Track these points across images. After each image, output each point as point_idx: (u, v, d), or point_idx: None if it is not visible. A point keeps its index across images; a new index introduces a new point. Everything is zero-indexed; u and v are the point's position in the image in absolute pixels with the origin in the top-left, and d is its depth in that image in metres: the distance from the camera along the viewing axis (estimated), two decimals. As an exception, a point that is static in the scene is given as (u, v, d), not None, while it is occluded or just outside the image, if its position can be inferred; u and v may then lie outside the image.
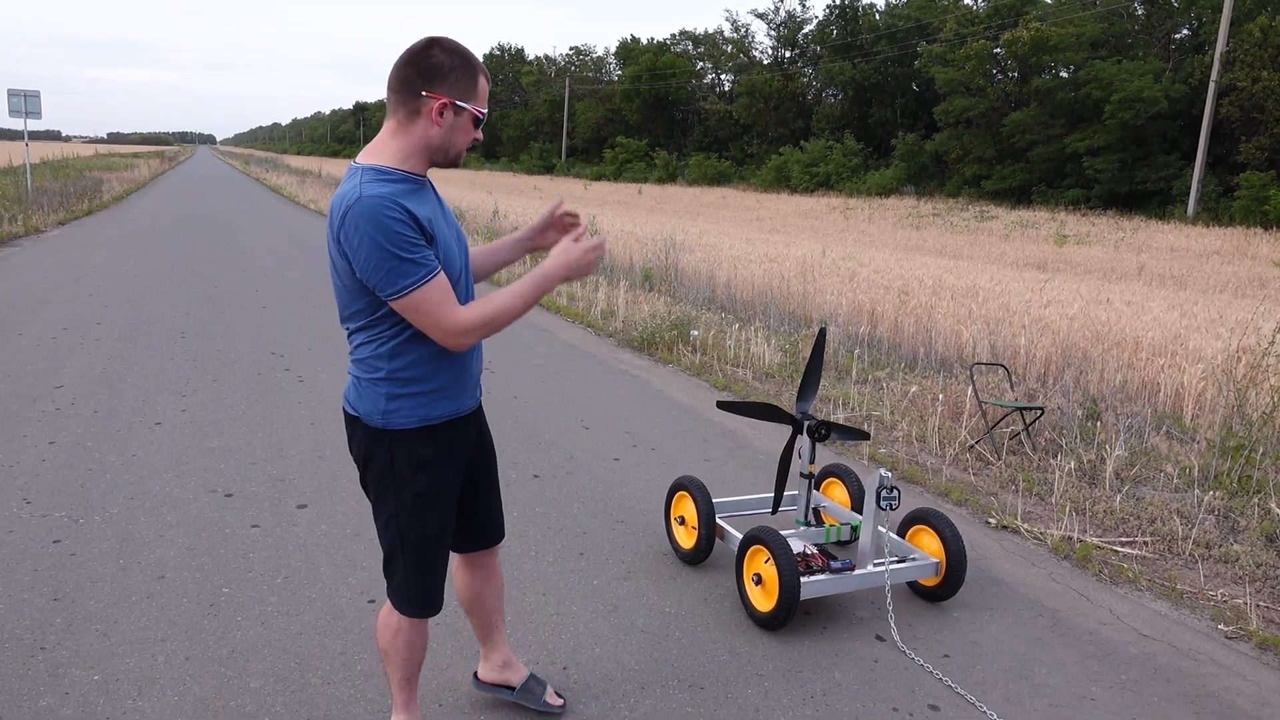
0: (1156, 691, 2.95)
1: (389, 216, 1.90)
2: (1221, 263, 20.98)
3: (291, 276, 11.63)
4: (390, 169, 2.00)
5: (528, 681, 2.69)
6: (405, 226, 1.92)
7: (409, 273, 1.93)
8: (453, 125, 2.03)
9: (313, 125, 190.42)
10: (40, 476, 4.33)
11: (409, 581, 2.23)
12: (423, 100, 1.99)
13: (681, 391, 6.67)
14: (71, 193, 22.71)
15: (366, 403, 2.10)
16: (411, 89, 1.99)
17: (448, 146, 2.05)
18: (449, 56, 1.99)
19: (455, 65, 2.00)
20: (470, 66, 2.02)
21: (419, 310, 1.96)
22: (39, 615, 3.07)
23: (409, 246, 1.92)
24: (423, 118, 2.01)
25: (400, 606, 2.26)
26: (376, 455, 2.13)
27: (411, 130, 2.02)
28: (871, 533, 3.39)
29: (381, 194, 1.92)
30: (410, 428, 2.11)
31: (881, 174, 44.68)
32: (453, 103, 2.00)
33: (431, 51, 1.99)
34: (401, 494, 2.15)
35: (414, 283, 1.94)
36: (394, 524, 2.18)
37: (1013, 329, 8.15)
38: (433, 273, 1.96)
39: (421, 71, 1.98)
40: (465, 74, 2.01)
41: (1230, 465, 4.85)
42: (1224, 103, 31.06)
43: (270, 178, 42.56)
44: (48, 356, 6.73)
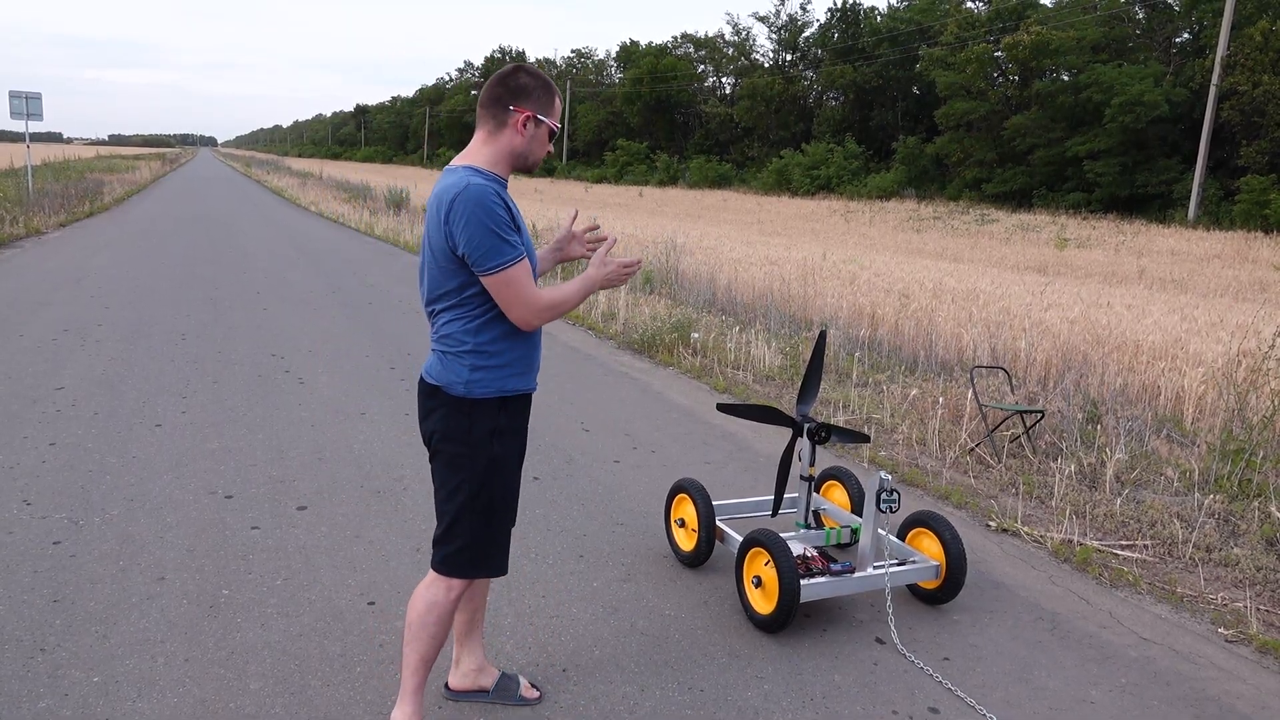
0: (1156, 695, 2.95)
1: (493, 201, 2.21)
2: (1222, 266, 20.98)
3: (292, 279, 11.64)
4: (484, 170, 2.30)
5: (501, 680, 2.74)
6: (505, 212, 2.23)
7: (505, 251, 2.21)
8: (533, 136, 2.35)
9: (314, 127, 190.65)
10: (41, 478, 4.33)
11: (473, 542, 2.39)
12: (510, 114, 2.31)
13: (682, 394, 6.67)
14: (73, 194, 22.73)
15: (450, 373, 2.33)
16: (501, 104, 2.32)
17: (528, 154, 2.37)
18: (532, 79, 2.34)
19: (537, 86, 2.34)
20: (549, 88, 2.36)
21: (509, 285, 2.23)
22: (39, 617, 3.07)
23: (507, 229, 2.22)
24: (508, 129, 2.32)
25: (457, 570, 2.40)
26: (456, 422, 2.34)
27: (499, 139, 2.33)
28: (871, 535, 3.39)
29: (486, 183, 2.23)
30: (490, 397, 2.34)
31: (882, 177, 44.69)
32: (534, 116, 2.33)
33: (519, 74, 2.34)
34: (476, 458, 2.36)
35: (508, 260, 2.22)
36: (465, 487, 2.36)
37: (1013, 332, 8.15)
38: (521, 256, 2.25)
39: (510, 90, 2.31)
40: (545, 93, 2.35)
41: (1231, 469, 4.84)
42: (1225, 107, 31.07)
43: (271, 180, 42.60)
44: (48, 358, 6.74)
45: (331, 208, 25.08)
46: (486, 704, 2.70)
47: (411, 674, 2.44)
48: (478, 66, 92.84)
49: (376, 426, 5.41)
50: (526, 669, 2.90)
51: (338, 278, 11.97)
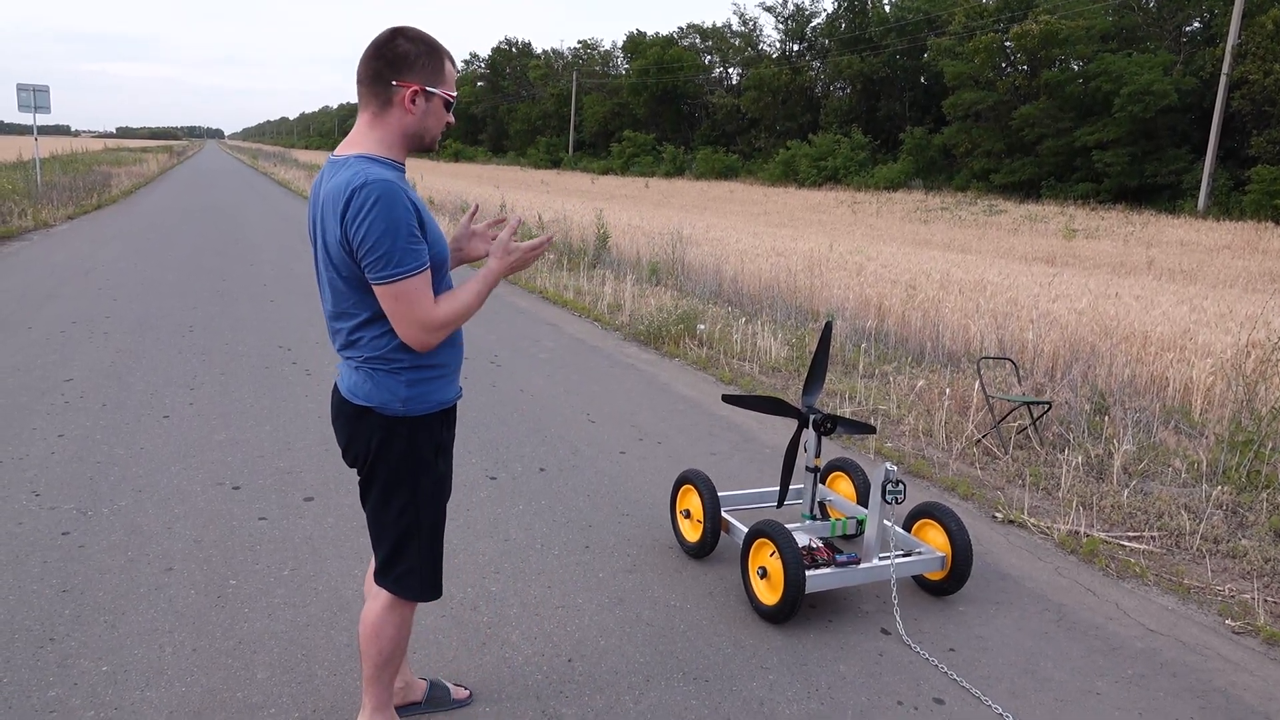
0: (1163, 686, 2.95)
1: (400, 202, 1.95)
2: (1232, 257, 20.86)
3: (299, 270, 11.65)
4: (379, 157, 2.04)
5: (430, 691, 2.64)
6: (411, 215, 1.97)
7: (406, 261, 1.96)
8: (425, 111, 2.07)
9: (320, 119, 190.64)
10: (49, 469, 4.36)
11: (423, 565, 2.25)
12: (394, 90, 2.03)
13: (688, 385, 6.67)
14: (80, 187, 22.78)
15: (385, 392, 2.10)
16: (383, 80, 2.03)
17: (422, 132, 2.09)
18: (414, 45, 2.03)
19: (421, 52, 2.04)
20: (436, 52, 2.06)
21: (402, 299, 1.98)
22: (48, 606, 3.09)
23: (410, 235, 1.96)
24: (396, 107, 2.05)
25: (410, 593, 2.26)
26: (394, 444, 2.14)
27: (387, 120, 2.06)
28: (877, 527, 3.39)
29: (390, 178, 1.96)
30: (431, 413, 2.16)
31: (889, 168, 44.52)
32: (423, 89, 2.05)
33: (397, 41, 2.03)
34: (421, 479, 2.18)
35: (408, 271, 1.97)
36: (410, 510, 2.19)
37: (1020, 323, 8.13)
38: (424, 266, 2.00)
39: (390, 62, 2.03)
40: (431, 58, 2.05)
41: (1239, 460, 4.82)
42: (1235, 96, 30.85)
43: (278, 172, 42.64)
44: (57, 350, 6.77)
45: (338, 200, 25.08)
46: (423, 714, 2.60)
47: (375, 686, 2.33)
48: (483, 59, 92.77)
49: (383, 418, 5.42)
50: (533, 659, 2.91)
51: (344, 270, 11.97)
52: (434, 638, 3.01)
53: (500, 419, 5.53)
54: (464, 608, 3.21)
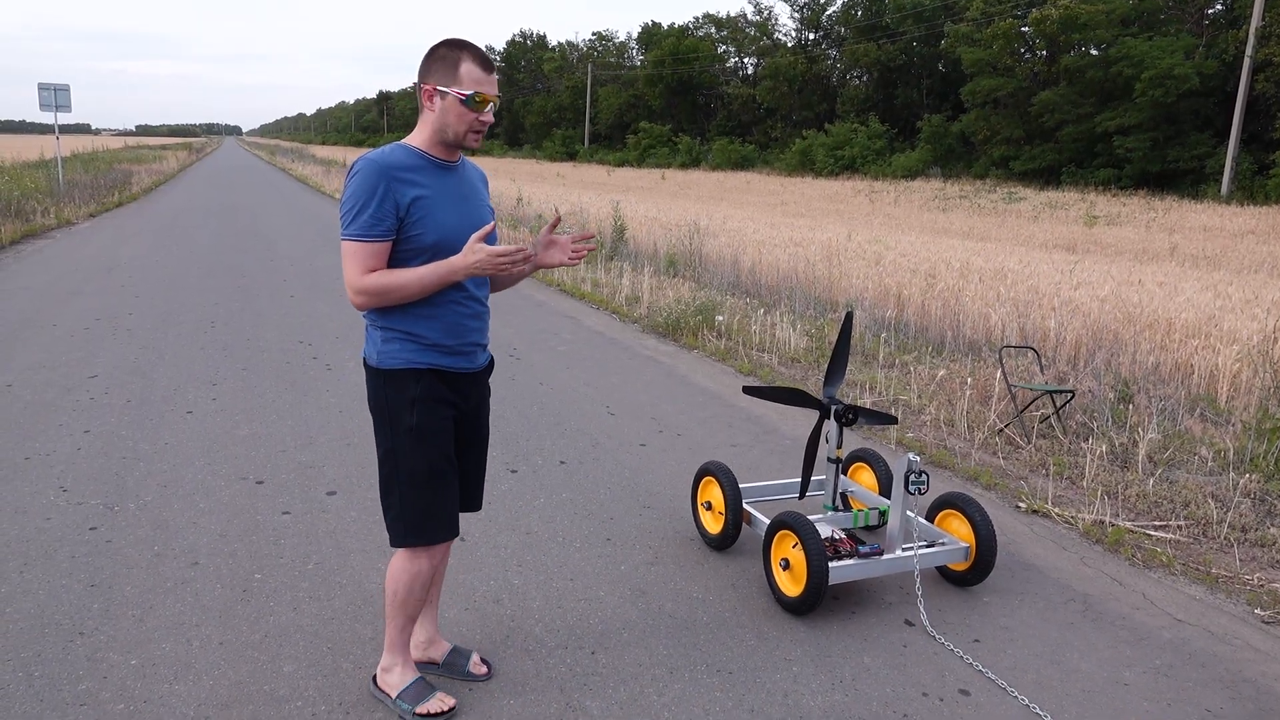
0: (1191, 677, 2.92)
1: (372, 178, 2.25)
2: (1257, 242, 20.57)
3: (318, 266, 11.72)
4: (409, 145, 2.35)
5: (450, 655, 2.78)
6: (373, 191, 2.23)
7: (353, 225, 2.26)
8: (444, 109, 2.31)
9: (337, 115, 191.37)
10: (76, 465, 4.40)
11: (405, 511, 2.43)
12: (421, 91, 2.34)
13: (707, 377, 6.65)
14: (102, 185, 23.00)
15: (370, 344, 2.44)
16: (417, 86, 2.35)
17: (444, 128, 2.33)
18: (440, 49, 2.31)
19: (439, 57, 2.30)
20: (454, 54, 2.29)
21: (344, 255, 2.30)
22: (77, 601, 3.13)
23: (367, 207, 2.24)
24: (433, 105, 2.32)
25: (398, 539, 2.46)
26: (376, 392, 2.42)
27: (425, 118, 2.35)
28: (900, 517, 3.37)
29: (380, 158, 2.27)
30: (399, 369, 2.38)
31: (907, 156, 44.20)
32: (436, 89, 2.30)
33: (432, 50, 2.33)
34: (396, 426, 2.40)
35: (351, 235, 2.26)
36: (391, 456, 2.42)
37: (1042, 311, 8.05)
38: (367, 238, 2.26)
39: (421, 69, 2.33)
40: (446, 63, 2.29)
41: (1267, 447, 4.76)
42: (1259, 79, 30.39)
43: (296, 168, 42.87)
44: (81, 347, 6.84)
45: (355, 195, 25.18)
46: (438, 675, 2.73)
47: (400, 632, 2.57)
48: (499, 51, 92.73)
49: (403, 412, 5.44)
50: (555, 651, 2.92)
51: (363, 264, 12.03)
52: (457, 630, 3.02)
53: (520, 412, 5.54)
54: (486, 600, 3.22)
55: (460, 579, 3.38)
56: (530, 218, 17.58)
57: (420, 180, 2.30)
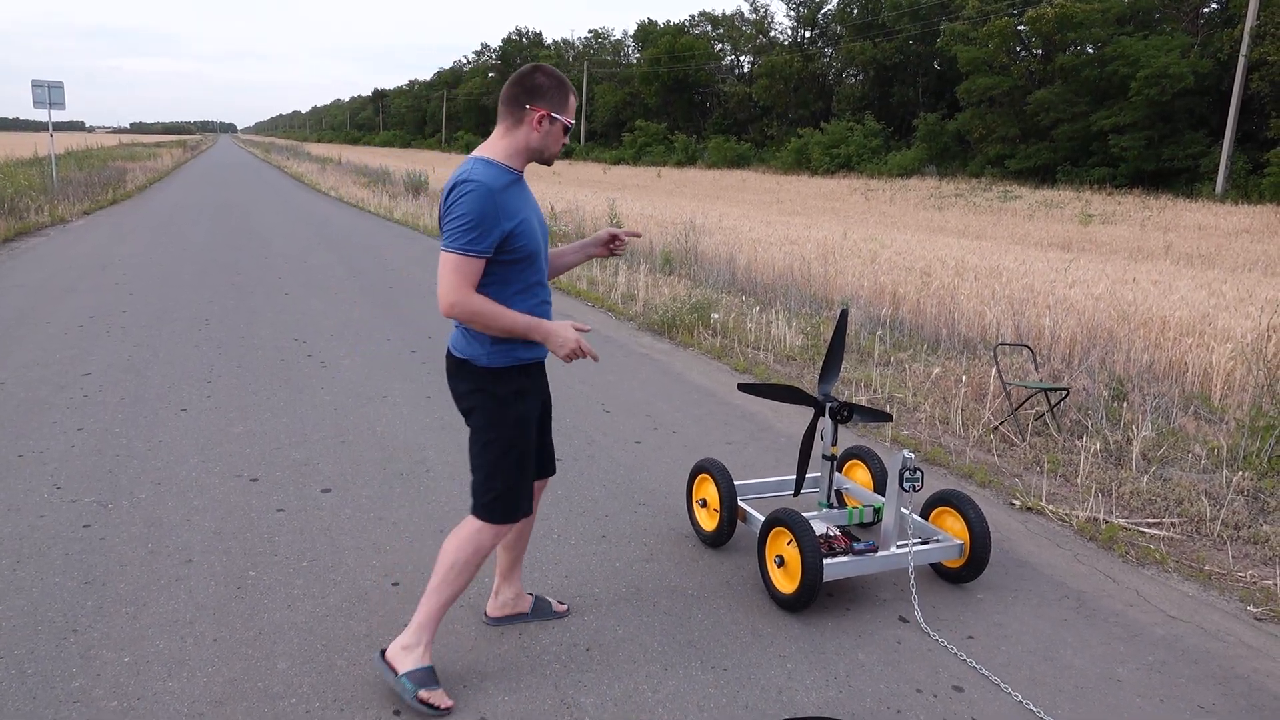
0: (1184, 673, 2.93)
1: (485, 202, 2.42)
2: (1251, 241, 20.63)
3: (313, 263, 11.70)
4: (496, 162, 2.52)
5: (536, 604, 3.09)
6: (489, 216, 2.42)
7: (458, 240, 2.43)
8: (547, 132, 2.55)
9: (333, 113, 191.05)
10: (69, 463, 4.39)
11: (507, 491, 2.63)
12: (526, 112, 2.51)
13: (702, 374, 6.66)
14: (96, 183, 22.94)
15: (474, 347, 2.58)
16: (518, 103, 2.52)
17: (543, 149, 2.57)
18: (548, 79, 2.53)
19: (552, 85, 2.53)
20: (564, 87, 2.56)
21: (442, 266, 2.45)
22: (70, 598, 3.12)
23: (476, 228, 2.42)
24: (525, 125, 2.52)
25: (494, 517, 2.64)
26: (477, 386, 2.60)
27: (516, 135, 2.54)
28: (894, 514, 3.37)
29: (488, 180, 2.44)
30: (508, 366, 2.60)
31: (903, 155, 44.23)
32: (549, 114, 2.52)
33: (535, 74, 2.53)
34: (505, 417, 2.61)
35: (455, 249, 2.43)
36: (495, 445, 2.61)
37: (1037, 309, 8.07)
38: (472, 254, 2.43)
39: (527, 89, 2.51)
40: (559, 92, 2.54)
41: (1260, 445, 4.78)
42: (1254, 78, 30.46)
43: (291, 165, 42.79)
44: (75, 344, 6.82)
45: (351, 192, 25.17)
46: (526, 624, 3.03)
47: (434, 608, 2.65)
48: (494, 49, 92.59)
49: (399, 409, 5.44)
50: (550, 648, 2.92)
51: (358, 262, 12.03)
52: (452, 627, 3.02)
53: (515, 409, 5.53)
54: (481, 597, 3.22)
55: (455, 576, 3.38)
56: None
57: (514, 197, 2.51)
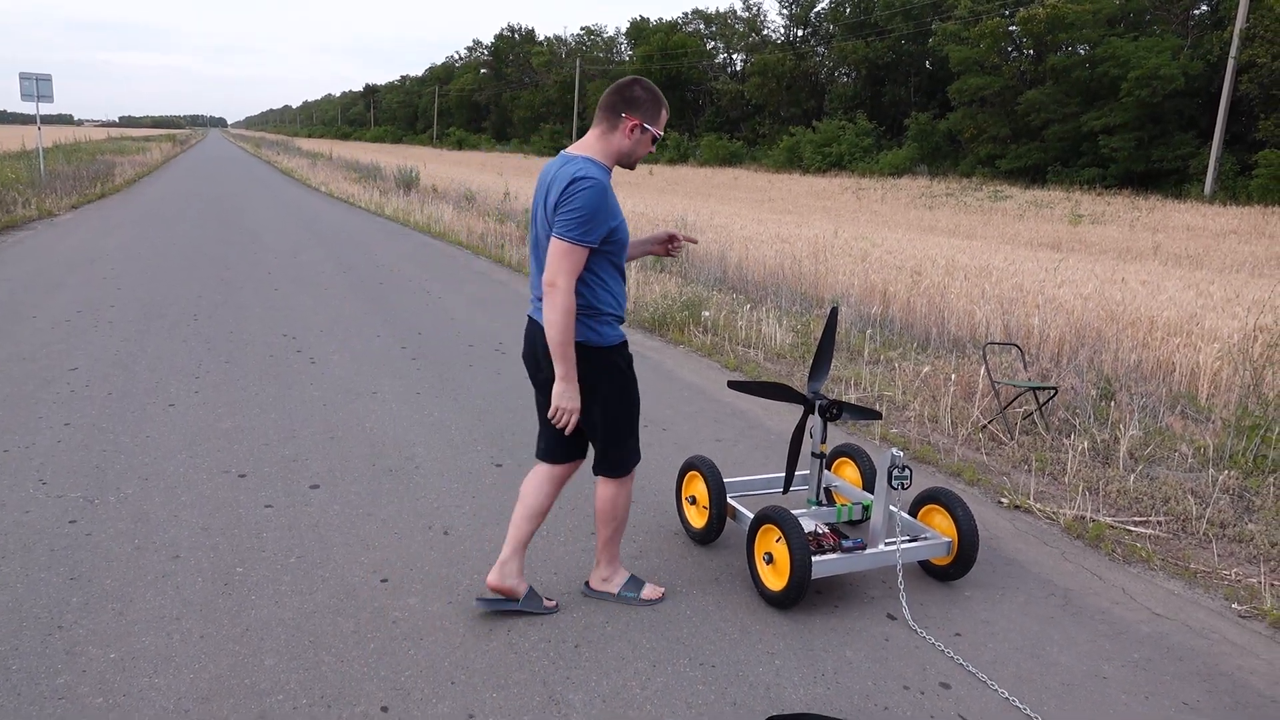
0: (1169, 670, 2.95)
1: (603, 198, 2.71)
2: (1239, 242, 20.76)
3: (303, 259, 11.66)
4: (598, 161, 2.79)
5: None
6: (605, 211, 2.71)
7: (579, 230, 2.69)
8: (638, 141, 2.82)
9: (323, 108, 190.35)
10: (56, 457, 4.37)
11: (634, 449, 3.04)
12: (621, 120, 2.79)
13: (693, 372, 6.66)
14: (84, 176, 22.80)
15: (590, 332, 2.85)
16: (615, 111, 2.80)
17: (632, 154, 2.84)
18: (645, 92, 2.81)
19: (648, 99, 2.80)
20: (658, 101, 2.83)
21: (554, 251, 2.71)
22: (56, 594, 3.10)
23: (590, 222, 2.69)
24: (619, 132, 2.81)
25: (627, 468, 3.04)
26: (601, 366, 2.89)
27: (611, 139, 2.82)
28: (883, 512, 3.38)
29: (603, 179, 2.74)
30: (618, 343, 2.93)
31: (894, 154, 44.34)
32: (641, 124, 2.80)
33: (634, 87, 2.81)
34: (628, 387, 2.97)
35: (576, 238, 2.70)
36: (626, 411, 2.98)
37: (1026, 309, 8.10)
38: (583, 243, 2.71)
39: (625, 99, 2.80)
40: (654, 106, 2.82)
41: (1246, 444, 4.81)
42: (1243, 80, 30.65)
43: (281, 161, 42.61)
44: (62, 339, 6.78)
45: (342, 188, 25.08)
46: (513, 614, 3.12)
47: (608, 545, 3.16)
48: (486, 45, 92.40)
49: (388, 405, 5.43)
50: (539, 645, 2.92)
51: (348, 258, 11.99)
52: (441, 624, 3.02)
53: (506, 406, 5.53)
54: (470, 594, 3.22)
55: (443, 572, 3.38)
56: (518, 212, 17.54)
57: (614, 197, 2.80)
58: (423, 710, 2.57)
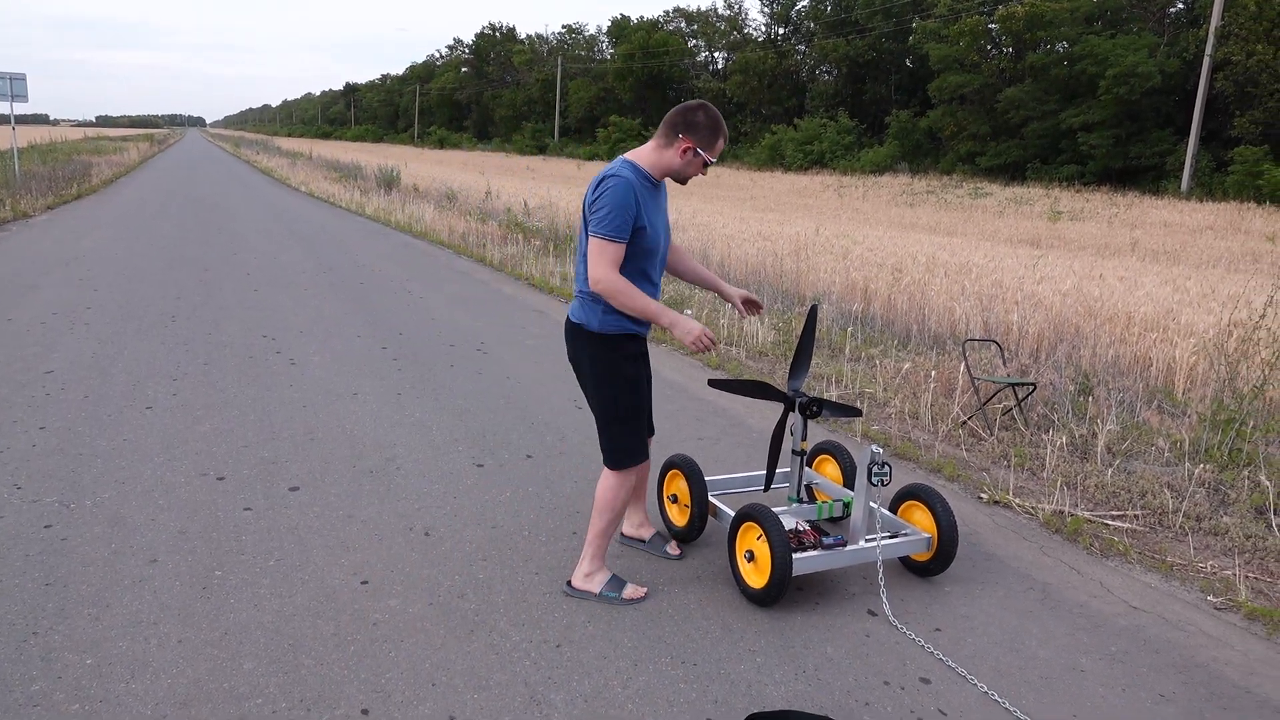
0: (1146, 662, 2.98)
1: (627, 196, 2.90)
2: (1215, 238, 20.98)
3: (283, 260, 11.58)
4: (641, 168, 3.00)
5: (653, 537, 3.63)
6: (630, 208, 2.90)
7: (607, 226, 2.90)
8: (689, 162, 2.98)
9: (303, 106, 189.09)
10: (31, 462, 4.32)
11: (622, 441, 3.14)
12: (678, 139, 2.96)
13: (675, 370, 6.67)
14: (60, 177, 22.54)
15: (587, 315, 3.07)
16: (675, 129, 2.96)
17: (682, 172, 3.02)
18: (706, 118, 2.96)
19: (707, 125, 2.95)
20: (716, 130, 2.98)
21: (592, 249, 2.93)
22: (31, 600, 3.07)
23: (621, 217, 2.89)
24: (673, 149, 2.98)
25: (614, 463, 3.16)
26: (592, 351, 3.08)
27: (665, 153, 2.99)
28: (863, 509, 3.40)
29: (633, 180, 2.93)
30: (618, 334, 3.06)
31: (875, 151, 44.52)
32: (695, 148, 2.96)
33: (698, 111, 2.97)
34: (616, 378, 3.10)
35: (608, 235, 2.90)
36: (613, 401, 3.12)
37: (1006, 305, 8.15)
38: (614, 239, 2.90)
39: (686, 121, 2.95)
40: (711, 133, 2.97)
41: (1221, 438, 4.86)
42: (1218, 77, 30.96)
43: (261, 160, 42.29)
44: (37, 341, 6.70)
45: (322, 187, 24.93)
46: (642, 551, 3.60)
47: (596, 538, 3.22)
48: (468, 44, 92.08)
49: (369, 406, 5.40)
50: (521, 645, 2.91)
51: (329, 258, 11.92)
52: (421, 626, 3.01)
53: (487, 406, 5.51)
54: (451, 595, 3.21)
55: (425, 573, 3.37)
56: (499, 211, 17.50)
57: (648, 200, 2.98)
58: (404, 712, 2.56)
